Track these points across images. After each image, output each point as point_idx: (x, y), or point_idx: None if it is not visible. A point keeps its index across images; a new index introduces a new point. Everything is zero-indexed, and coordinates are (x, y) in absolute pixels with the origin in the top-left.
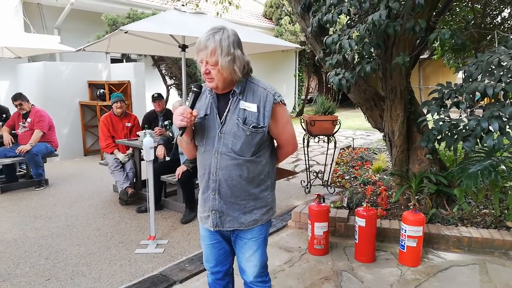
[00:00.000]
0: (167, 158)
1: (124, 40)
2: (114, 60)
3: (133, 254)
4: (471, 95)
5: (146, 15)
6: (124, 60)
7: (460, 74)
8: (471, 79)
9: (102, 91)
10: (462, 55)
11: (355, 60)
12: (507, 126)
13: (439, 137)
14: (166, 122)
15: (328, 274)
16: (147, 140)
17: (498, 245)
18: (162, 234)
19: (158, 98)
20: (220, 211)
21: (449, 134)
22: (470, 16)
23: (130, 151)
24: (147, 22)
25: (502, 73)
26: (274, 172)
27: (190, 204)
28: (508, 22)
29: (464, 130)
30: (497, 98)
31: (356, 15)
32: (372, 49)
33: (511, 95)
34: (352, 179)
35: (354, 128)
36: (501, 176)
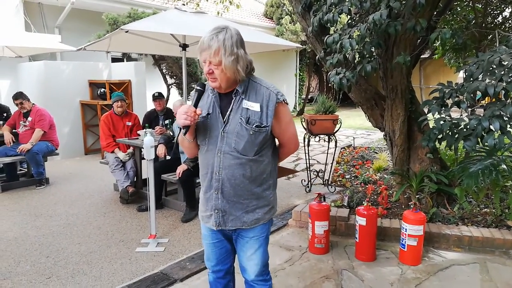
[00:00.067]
0: (168, 157)
1: (124, 39)
2: (114, 59)
3: (133, 252)
4: (472, 95)
5: (146, 14)
6: (124, 59)
7: (461, 73)
8: (472, 79)
9: (102, 90)
10: (463, 54)
11: (356, 60)
12: (508, 126)
13: (440, 136)
14: (167, 121)
15: (329, 273)
16: (147, 139)
17: (499, 244)
18: (163, 232)
19: (158, 97)
20: (223, 210)
21: (450, 133)
22: (471, 15)
23: (131, 150)
24: (147, 21)
25: (503, 72)
26: (276, 171)
27: (191, 203)
28: (509, 21)
29: (465, 130)
30: (498, 98)
31: (357, 14)
32: (373, 48)
33: None
34: (352, 178)
35: (355, 127)
36: (501, 175)
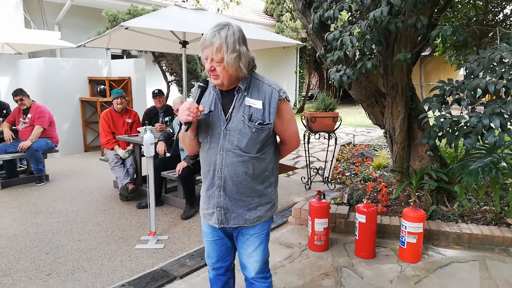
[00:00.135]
0: (168, 154)
1: (124, 36)
2: (114, 56)
3: (133, 249)
4: (473, 92)
5: (146, 11)
6: (124, 56)
7: (462, 71)
8: (472, 76)
9: (102, 87)
10: (463, 52)
11: (356, 57)
12: (509, 123)
13: (440, 134)
14: (167, 118)
15: (328, 270)
16: (147, 136)
17: (498, 241)
18: (163, 229)
19: (158, 94)
20: (225, 208)
21: (450, 131)
22: (472, 12)
23: (131, 147)
24: (147, 18)
25: (503, 70)
26: (277, 169)
27: (190, 200)
28: (510, 19)
29: (465, 127)
30: (498, 95)
31: (357, 11)
32: (373, 45)
33: None
34: (352, 175)
35: (355, 124)
36: (501, 173)
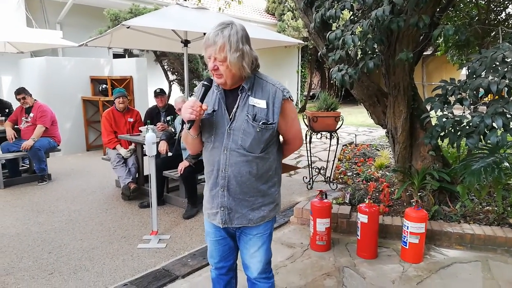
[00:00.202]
0: (170, 154)
1: (126, 35)
2: (116, 55)
3: (135, 249)
4: (475, 92)
5: (148, 10)
6: (126, 55)
7: (464, 70)
8: (475, 76)
9: (104, 86)
10: (466, 51)
11: (358, 56)
12: (511, 123)
13: (442, 133)
14: (169, 118)
15: (330, 270)
16: (149, 136)
17: (501, 242)
18: (165, 229)
19: (160, 94)
20: (229, 207)
21: (452, 130)
22: (474, 12)
23: (133, 146)
24: (149, 17)
25: (506, 69)
26: (280, 168)
27: (192, 199)
28: None
29: (467, 127)
30: (501, 95)
31: (359, 10)
32: (375, 45)
33: None
34: (354, 175)
35: (357, 124)
36: (504, 173)
